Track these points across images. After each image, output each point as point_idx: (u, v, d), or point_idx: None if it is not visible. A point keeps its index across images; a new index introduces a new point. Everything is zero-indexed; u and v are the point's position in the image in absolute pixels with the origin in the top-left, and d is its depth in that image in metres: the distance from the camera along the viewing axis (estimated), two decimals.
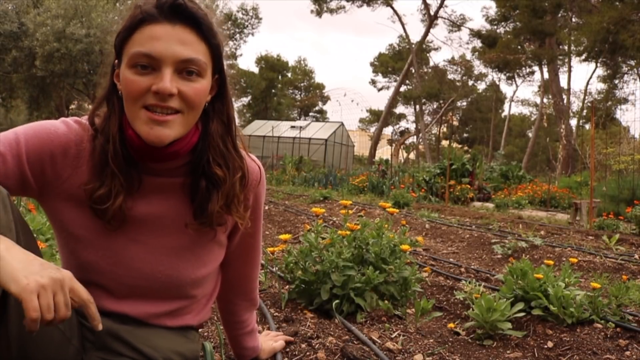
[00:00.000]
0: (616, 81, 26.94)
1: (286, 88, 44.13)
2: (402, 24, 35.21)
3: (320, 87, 45.36)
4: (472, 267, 3.54)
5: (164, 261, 1.11)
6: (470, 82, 41.45)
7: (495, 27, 31.47)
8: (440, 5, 33.28)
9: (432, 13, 33.38)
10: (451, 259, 3.89)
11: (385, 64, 40.20)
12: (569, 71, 29.95)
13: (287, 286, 2.39)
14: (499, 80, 38.70)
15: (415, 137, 42.20)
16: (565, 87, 29.62)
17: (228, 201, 1.09)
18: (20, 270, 0.78)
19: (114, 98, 1.03)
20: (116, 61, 1.03)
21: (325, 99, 44.90)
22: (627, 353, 1.83)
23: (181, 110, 0.99)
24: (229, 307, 1.38)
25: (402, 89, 37.21)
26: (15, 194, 1.00)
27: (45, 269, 0.80)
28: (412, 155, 44.01)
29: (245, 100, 42.12)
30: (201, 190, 1.07)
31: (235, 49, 32.62)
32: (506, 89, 75.23)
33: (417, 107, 37.48)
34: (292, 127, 23.83)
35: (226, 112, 1.09)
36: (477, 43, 33.85)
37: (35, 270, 0.79)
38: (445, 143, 41.60)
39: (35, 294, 0.77)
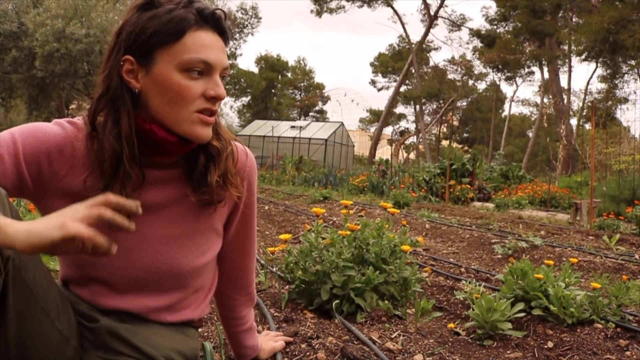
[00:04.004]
0: (616, 81, 26.92)
1: (286, 88, 44.14)
2: (402, 24, 35.27)
3: (320, 87, 45.37)
4: (472, 267, 3.53)
5: (164, 250, 1.12)
6: (470, 82, 41.48)
7: (495, 27, 31.48)
8: (441, 5, 33.31)
9: (432, 13, 33.40)
10: (451, 259, 3.88)
11: (385, 64, 40.21)
12: (569, 71, 30.01)
13: (287, 286, 2.39)
14: (499, 80, 38.72)
15: (415, 137, 42.22)
16: (566, 87, 29.66)
17: (224, 174, 1.12)
18: (49, 220, 0.80)
19: (124, 94, 1.01)
20: (129, 57, 1.00)
21: (325, 99, 44.93)
22: (628, 353, 1.83)
23: (216, 111, 1.06)
24: (227, 302, 1.38)
25: (402, 89, 37.22)
26: (13, 194, 0.99)
27: (65, 210, 0.83)
28: (412, 155, 44.01)
29: (245, 100, 42.17)
30: (200, 164, 1.10)
31: (235, 48, 32.63)
32: (506, 89, 75.18)
33: (417, 107, 37.48)
34: (292, 127, 23.83)
35: None
36: (477, 43, 33.88)
37: (58, 214, 0.82)
38: (445, 143, 41.61)
39: (78, 223, 0.80)
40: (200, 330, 1.68)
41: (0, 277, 0.89)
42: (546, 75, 30.77)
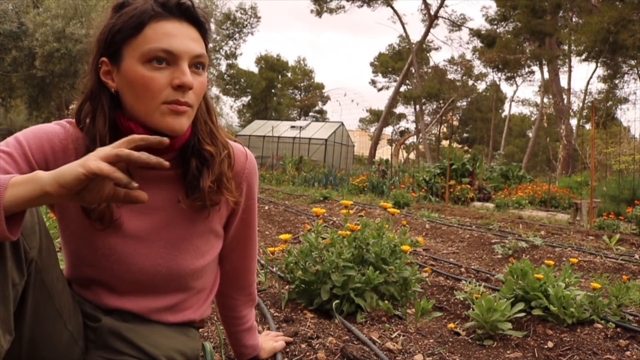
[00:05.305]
0: (616, 81, 26.90)
1: (286, 88, 44.12)
2: (402, 24, 35.26)
3: (320, 87, 45.34)
4: (472, 267, 3.53)
5: (163, 254, 1.12)
6: (470, 82, 41.47)
7: (495, 27, 31.46)
8: (441, 5, 33.30)
9: (432, 13, 33.40)
10: (451, 259, 3.89)
11: (385, 64, 40.19)
12: (569, 71, 30.01)
13: (287, 286, 2.39)
14: (499, 80, 38.71)
15: (415, 137, 42.21)
16: (566, 87, 29.66)
17: (218, 178, 1.10)
18: (74, 163, 0.80)
19: (101, 96, 1.03)
20: (104, 58, 1.02)
21: (325, 99, 44.90)
22: (628, 353, 1.83)
23: (192, 104, 1.02)
24: (228, 302, 1.38)
25: (402, 89, 37.20)
26: None
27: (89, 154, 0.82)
28: (412, 155, 44.00)
29: (245, 100, 42.16)
30: (192, 169, 1.09)
31: (235, 48, 32.64)
32: (506, 88, 75.11)
33: (417, 107, 37.47)
34: (292, 127, 23.81)
35: (205, 95, 1.13)
36: (477, 43, 33.86)
37: (81, 158, 0.81)
38: (445, 143, 41.62)
39: (99, 161, 0.79)
40: (200, 330, 1.68)
41: (23, 279, 0.90)
42: (546, 75, 30.79)
